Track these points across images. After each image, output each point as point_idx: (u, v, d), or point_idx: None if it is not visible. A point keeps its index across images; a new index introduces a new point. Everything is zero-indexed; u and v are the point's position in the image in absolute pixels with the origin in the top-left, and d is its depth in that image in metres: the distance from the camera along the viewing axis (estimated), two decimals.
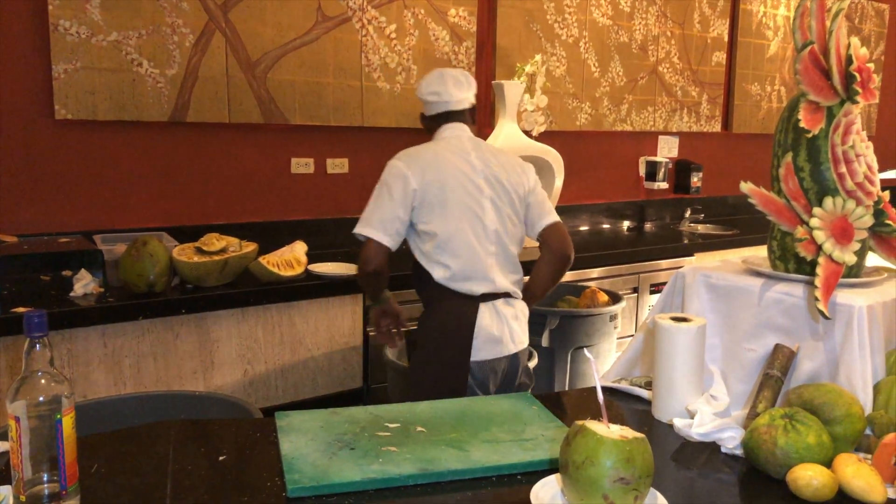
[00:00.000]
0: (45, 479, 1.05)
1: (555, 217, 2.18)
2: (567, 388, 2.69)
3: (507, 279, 2.10)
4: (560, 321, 2.66)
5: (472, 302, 2.04)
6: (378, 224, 2.04)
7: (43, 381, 1.04)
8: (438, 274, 2.05)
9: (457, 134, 2.16)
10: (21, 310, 2.04)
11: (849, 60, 1.45)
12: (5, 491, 1.09)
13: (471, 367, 2.02)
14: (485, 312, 2.04)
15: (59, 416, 1.04)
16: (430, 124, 2.22)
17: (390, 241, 2.04)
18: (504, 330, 2.07)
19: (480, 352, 2.03)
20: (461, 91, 2.16)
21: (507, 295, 2.10)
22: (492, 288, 2.06)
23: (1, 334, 2.02)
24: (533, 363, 2.33)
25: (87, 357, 2.15)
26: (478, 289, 2.05)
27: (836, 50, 1.44)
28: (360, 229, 2.07)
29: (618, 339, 2.90)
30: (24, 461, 1.03)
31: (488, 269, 2.06)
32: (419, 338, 2.09)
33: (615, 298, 2.88)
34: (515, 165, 2.17)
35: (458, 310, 2.03)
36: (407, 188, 2.03)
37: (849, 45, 1.46)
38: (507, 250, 2.11)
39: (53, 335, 2.06)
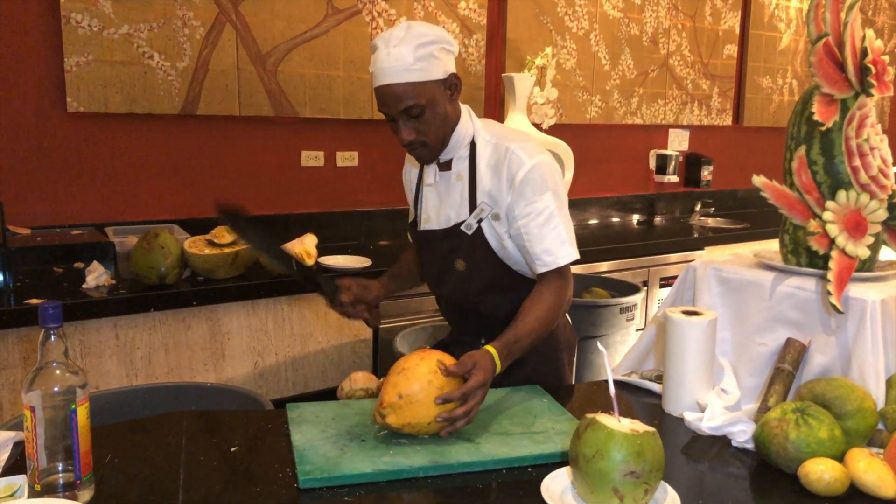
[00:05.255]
0: (59, 468, 1.06)
1: None
2: (574, 377, 2.69)
3: None
4: None
5: None
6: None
7: (58, 371, 1.05)
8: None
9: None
10: (34, 301, 2.06)
11: (863, 53, 1.44)
12: (20, 480, 1.10)
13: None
14: None
15: (73, 407, 1.05)
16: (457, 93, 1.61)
17: None
18: None
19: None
20: None
21: None
22: None
23: (15, 325, 2.03)
24: None
25: (99, 348, 2.17)
26: None
27: (850, 42, 1.43)
28: (574, 253, 1.61)
29: (636, 329, 2.89)
30: (39, 451, 1.04)
31: None
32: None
33: (627, 290, 2.87)
34: None
35: None
36: None
37: (864, 37, 1.45)
38: None
39: (66, 326, 2.07)
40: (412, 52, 1.48)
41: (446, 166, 1.67)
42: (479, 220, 1.62)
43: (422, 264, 1.81)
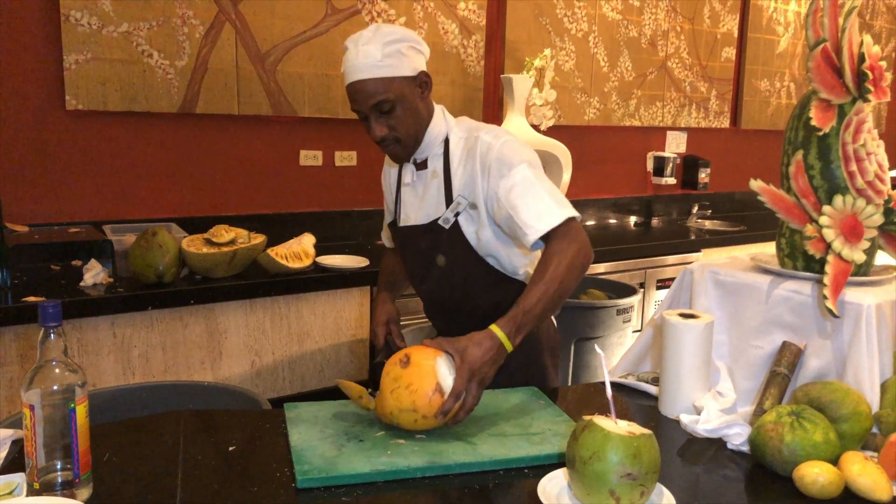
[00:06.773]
0: (58, 466, 1.06)
1: None
2: (570, 378, 2.69)
3: None
4: (561, 311, 2.65)
5: None
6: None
7: (57, 370, 1.05)
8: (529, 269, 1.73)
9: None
10: (32, 299, 2.06)
11: (861, 58, 1.44)
12: (19, 478, 1.10)
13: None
14: None
15: (72, 405, 1.05)
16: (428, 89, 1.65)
17: None
18: None
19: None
20: None
21: None
22: None
23: (12, 323, 2.03)
24: None
25: (96, 347, 2.17)
26: None
27: (848, 48, 1.44)
28: (569, 211, 1.55)
29: (633, 331, 2.90)
30: (38, 449, 1.04)
31: None
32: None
33: (624, 292, 2.88)
34: None
35: None
36: None
37: (861, 42, 1.46)
38: None
39: (63, 324, 2.07)
40: (380, 49, 1.51)
41: (423, 165, 1.69)
42: (456, 214, 1.63)
43: (404, 263, 1.84)
